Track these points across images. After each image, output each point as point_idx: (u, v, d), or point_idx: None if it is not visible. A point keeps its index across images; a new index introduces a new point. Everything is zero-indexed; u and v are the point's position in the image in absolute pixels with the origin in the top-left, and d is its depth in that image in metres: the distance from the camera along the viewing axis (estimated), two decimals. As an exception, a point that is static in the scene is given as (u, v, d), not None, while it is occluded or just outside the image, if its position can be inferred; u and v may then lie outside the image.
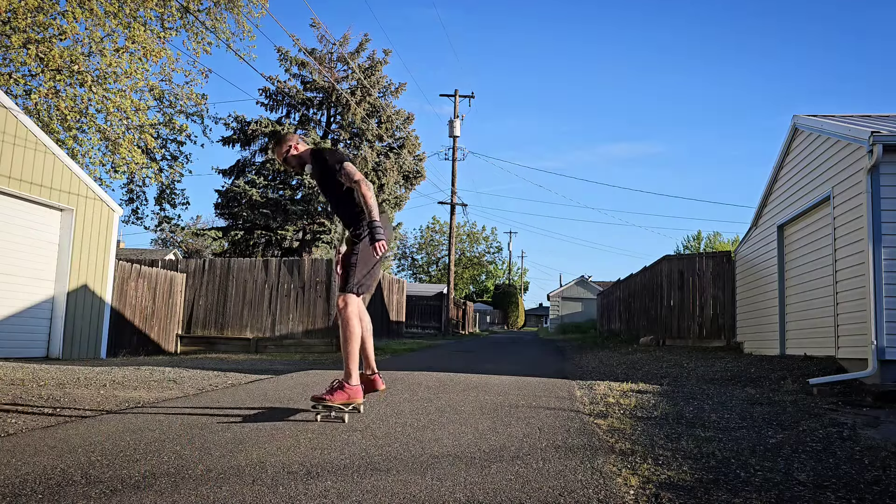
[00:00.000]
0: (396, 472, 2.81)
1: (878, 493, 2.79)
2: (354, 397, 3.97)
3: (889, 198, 6.72)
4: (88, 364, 8.85)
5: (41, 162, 9.75)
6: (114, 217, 11.29)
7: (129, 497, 2.40)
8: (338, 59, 26.79)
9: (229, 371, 7.88)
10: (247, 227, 25.34)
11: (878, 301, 6.54)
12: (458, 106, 28.19)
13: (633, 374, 8.12)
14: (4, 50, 12.95)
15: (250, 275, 14.45)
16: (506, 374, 7.46)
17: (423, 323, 28.99)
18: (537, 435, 3.70)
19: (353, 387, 3.97)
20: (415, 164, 27.48)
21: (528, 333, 39.97)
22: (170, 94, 16.26)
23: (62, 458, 2.95)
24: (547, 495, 2.52)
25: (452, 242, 27.89)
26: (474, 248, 64.09)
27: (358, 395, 4.00)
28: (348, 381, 3.96)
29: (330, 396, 3.88)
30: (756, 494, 2.69)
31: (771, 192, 10.75)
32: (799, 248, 9.44)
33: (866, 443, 3.88)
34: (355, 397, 3.98)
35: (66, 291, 10.24)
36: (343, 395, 3.91)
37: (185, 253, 52.43)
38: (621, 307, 20.12)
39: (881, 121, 8.39)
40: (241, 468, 2.82)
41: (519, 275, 71.54)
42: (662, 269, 14.86)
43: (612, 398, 5.46)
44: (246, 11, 15.64)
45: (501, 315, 56.87)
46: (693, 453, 3.41)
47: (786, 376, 7.25)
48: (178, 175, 18.74)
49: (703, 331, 13.41)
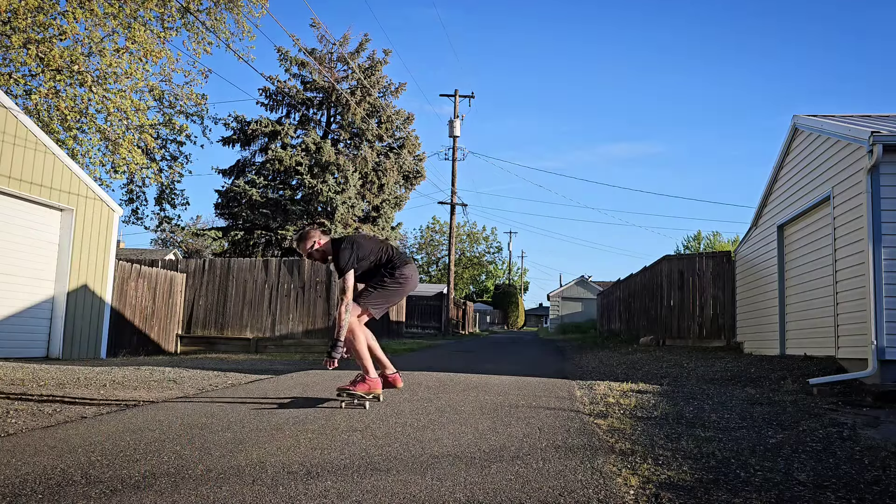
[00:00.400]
0: (396, 472, 2.81)
1: (878, 493, 2.79)
2: (374, 388, 4.55)
3: (889, 198, 6.72)
4: (88, 364, 8.85)
5: (41, 162, 9.75)
6: (114, 217, 11.29)
7: (129, 497, 2.40)
8: (338, 59, 26.79)
9: (229, 371, 7.87)
10: (247, 227, 25.34)
11: (878, 301, 6.54)
12: (458, 106, 28.21)
13: (633, 374, 8.12)
14: (4, 50, 12.95)
15: (250, 275, 14.45)
16: (506, 374, 7.46)
17: (423, 323, 28.98)
18: (537, 435, 3.70)
19: (372, 379, 4.55)
20: (415, 164, 27.48)
21: (528, 333, 39.97)
22: (170, 94, 16.26)
23: (62, 458, 2.95)
24: (547, 495, 2.52)
25: (452, 242, 27.89)
26: (474, 248, 64.08)
27: (377, 386, 4.57)
28: (367, 374, 4.54)
29: (353, 387, 4.47)
30: (756, 494, 2.69)
31: (771, 192, 10.75)
32: (799, 248, 9.44)
33: (866, 443, 3.88)
34: (375, 388, 4.55)
35: (66, 291, 10.24)
36: (365, 386, 4.50)
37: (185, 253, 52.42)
38: (621, 307, 20.12)
39: (881, 121, 8.39)
40: (241, 468, 2.82)
41: (519, 275, 71.57)
42: (662, 269, 14.86)
43: (612, 398, 5.46)
44: (246, 11, 15.65)
45: (501, 315, 56.87)
46: (693, 453, 3.41)
47: (786, 376, 7.24)
48: (178, 175, 18.73)
49: (703, 331, 13.41)
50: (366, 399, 4.47)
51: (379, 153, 26.25)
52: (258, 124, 25.10)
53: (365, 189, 25.91)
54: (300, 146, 24.95)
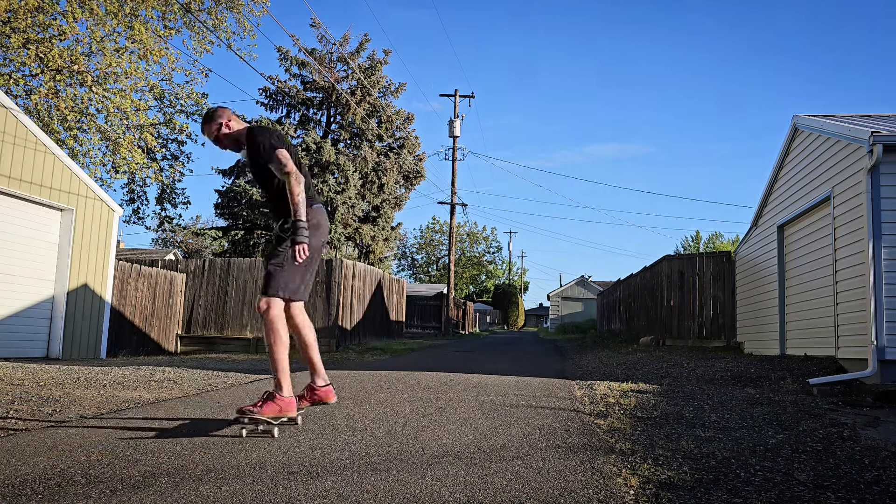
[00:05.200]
0: (396, 472, 2.81)
1: (878, 493, 2.79)
2: (286, 410, 3.56)
3: (889, 198, 6.72)
4: (88, 364, 8.85)
5: (41, 162, 9.75)
6: (114, 217, 11.29)
7: (129, 497, 2.40)
8: (338, 59, 26.79)
9: (229, 371, 7.88)
10: (247, 227, 25.34)
11: (878, 301, 6.54)
12: (458, 106, 28.20)
13: (634, 374, 8.12)
14: (4, 50, 12.95)
15: (250, 275, 14.45)
16: (506, 374, 7.46)
17: (423, 323, 28.97)
18: (537, 435, 3.70)
19: (284, 398, 3.56)
20: (415, 164, 27.49)
21: (528, 333, 39.97)
22: (170, 93, 16.26)
23: (62, 458, 2.94)
24: (547, 495, 2.52)
25: (452, 242, 27.89)
26: (474, 248, 64.12)
27: (290, 408, 3.58)
28: (279, 391, 3.55)
29: (258, 409, 3.46)
30: (756, 494, 2.69)
31: (771, 192, 10.75)
32: (799, 248, 9.44)
33: (866, 443, 3.88)
34: (287, 410, 3.56)
35: (66, 291, 10.24)
36: (274, 408, 3.50)
37: (185, 253, 52.40)
38: (621, 307, 20.12)
39: (881, 121, 8.39)
40: (241, 468, 2.82)
41: (519, 275, 71.56)
42: (662, 269, 14.86)
43: (612, 398, 5.46)
44: (247, 11, 15.66)
45: (501, 315, 56.86)
46: (693, 453, 3.41)
47: (786, 376, 7.24)
48: (179, 175, 18.73)
49: (703, 331, 13.41)
50: (273, 425, 3.49)
51: (379, 153, 26.26)
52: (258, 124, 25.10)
53: (365, 189, 25.91)
54: (300, 146, 24.95)
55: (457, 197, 27.61)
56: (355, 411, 4.38)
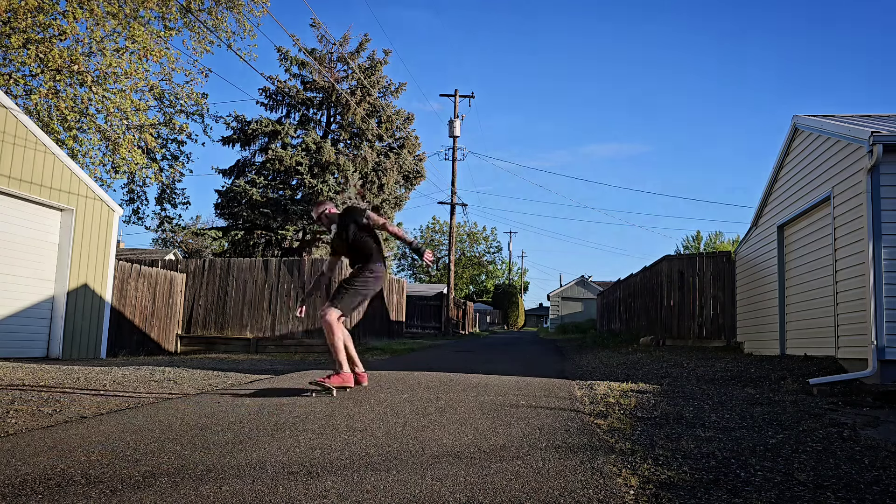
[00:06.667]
0: (396, 472, 2.81)
1: (878, 493, 2.79)
2: (346, 381, 5.08)
3: (889, 198, 6.72)
4: (88, 364, 8.85)
5: (41, 162, 9.75)
6: (114, 217, 11.28)
7: (129, 497, 2.40)
8: (338, 59, 26.78)
9: (229, 371, 7.87)
10: (247, 227, 25.33)
11: (878, 301, 6.54)
12: (458, 106, 28.21)
13: (633, 374, 8.12)
14: (4, 50, 12.95)
15: (250, 275, 14.45)
16: (506, 374, 7.46)
17: (423, 323, 28.97)
18: (537, 435, 3.70)
19: (345, 374, 5.09)
20: (415, 164, 27.47)
21: (528, 333, 39.96)
22: (170, 93, 16.26)
23: (62, 458, 2.94)
24: (547, 495, 2.52)
25: (452, 242, 27.88)
26: (474, 248, 64.13)
27: (349, 380, 5.10)
28: (340, 369, 5.07)
29: (329, 380, 4.99)
30: (756, 494, 2.69)
31: (771, 193, 10.75)
32: (799, 249, 9.44)
33: (866, 443, 3.88)
34: (346, 381, 5.08)
35: (66, 291, 10.24)
36: (338, 379, 5.05)
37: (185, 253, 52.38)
38: (621, 307, 20.11)
39: (881, 121, 8.39)
40: (241, 468, 2.82)
41: (519, 275, 71.55)
42: (662, 269, 14.85)
43: (612, 398, 5.46)
44: (247, 11, 15.66)
45: (501, 315, 56.86)
46: (693, 453, 3.41)
47: (786, 376, 7.24)
48: (179, 175, 18.74)
49: (703, 331, 13.41)
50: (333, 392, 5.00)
51: (379, 153, 26.25)
52: (258, 124, 25.09)
53: (365, 189, 25.90)
54: (300, 146, 24.95)
55: (457, 197, 27.62)
56: (355, 411, 4.38)
